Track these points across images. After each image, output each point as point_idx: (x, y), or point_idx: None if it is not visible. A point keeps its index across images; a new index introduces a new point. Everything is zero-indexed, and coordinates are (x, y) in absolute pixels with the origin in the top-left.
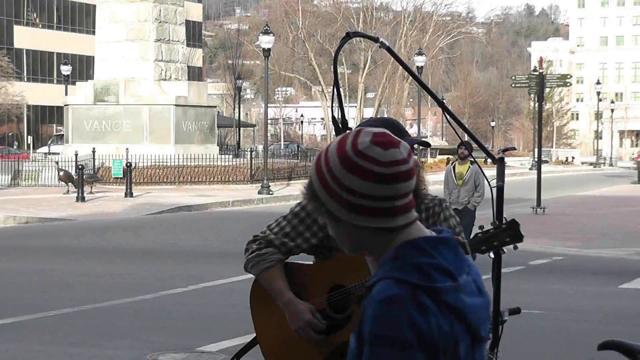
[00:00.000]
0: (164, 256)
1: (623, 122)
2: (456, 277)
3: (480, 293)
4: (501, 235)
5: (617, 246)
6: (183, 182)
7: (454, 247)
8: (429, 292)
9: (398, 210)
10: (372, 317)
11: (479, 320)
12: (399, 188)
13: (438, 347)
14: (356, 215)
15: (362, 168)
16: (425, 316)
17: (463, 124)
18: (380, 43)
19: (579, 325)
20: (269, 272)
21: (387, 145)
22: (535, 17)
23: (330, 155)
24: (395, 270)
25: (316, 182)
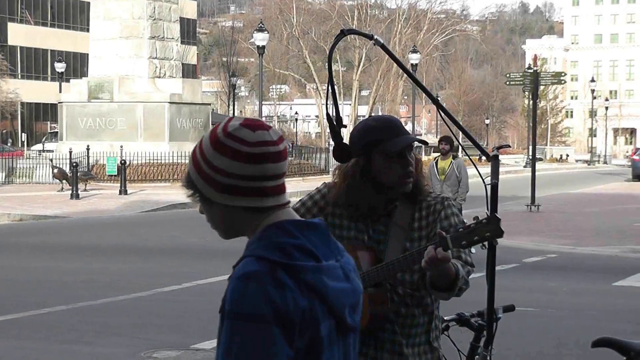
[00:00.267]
0: (159, 254)
1: (617, 119)
2: (320, 259)
3: (347, 279)
4: (482, 230)
5: (611, 244)
6: (177, 179)
7: (323, 233)
8: (287, 269)
9: (268, 190)
10: (230, 293)
11: (343, 303)
12: (267, 168)
13: (294, 322)
14: (227, 195)
15: (231, 148)
16: (281, 291)
17: (457, 122)
18: (375, 40)
19: (572, 322)
20: None
21: (256, 127)
22: (530, 15)
23: (204, 141)
24: (258, 248)
25: (191, 169)
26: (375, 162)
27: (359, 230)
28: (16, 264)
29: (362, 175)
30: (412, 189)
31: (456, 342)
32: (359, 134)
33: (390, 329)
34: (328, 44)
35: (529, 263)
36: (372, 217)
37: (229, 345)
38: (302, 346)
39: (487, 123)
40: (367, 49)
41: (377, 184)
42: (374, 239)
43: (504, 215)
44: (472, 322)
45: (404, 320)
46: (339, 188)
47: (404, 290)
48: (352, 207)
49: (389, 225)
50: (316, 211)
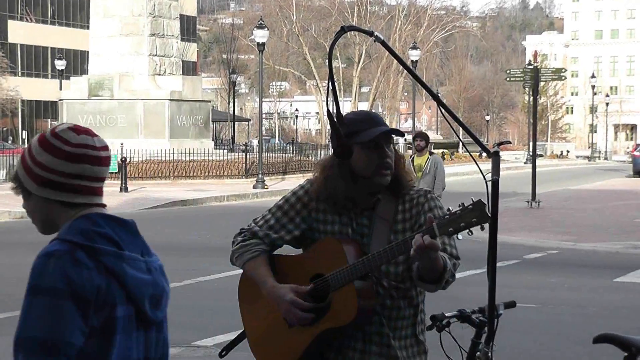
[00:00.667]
0: (159, 251)
1: (618, 115)
2: (122, 248)
3: (150, 272)
4: (467, 217)
5: (612, 240)
6: (178, 176)
7: (132, 230)
8: (87, 249)
9: (83, 189)
10: (32, 270)
11: (142, 293)
12: (84, 169)
13: (89, 299)
14: (45, 189)
15: (54, 146)
16: (78, 269)
17: (458, 118)
18: (375, 37)
19: (574, 318)
20: (253, 261)
21: (81, 132)
22: (530, 11)
23: (33, 141)
24: (65, 234)
25: (19, 165)
26: (353, 154)
27: (343, 224)
28: (17, 262)
29: (340, 167)
30: (394, 183)
31: (457, 338)
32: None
33: (378, 321)
34: (328, 41)
35: (530, 259)
36: (354, 210)
37: (26, 317)
38: (98, 325)
39: (487, 119)
40: (367, 45)
41: (355, 175)
42: (358, 232)
43: (504, 212)
44: (473, 319)
45: (389, 313)
46: (318, 181)
47: (389, 283)
48: (331, 199)
49: (372, 218)
50: (300, 207)
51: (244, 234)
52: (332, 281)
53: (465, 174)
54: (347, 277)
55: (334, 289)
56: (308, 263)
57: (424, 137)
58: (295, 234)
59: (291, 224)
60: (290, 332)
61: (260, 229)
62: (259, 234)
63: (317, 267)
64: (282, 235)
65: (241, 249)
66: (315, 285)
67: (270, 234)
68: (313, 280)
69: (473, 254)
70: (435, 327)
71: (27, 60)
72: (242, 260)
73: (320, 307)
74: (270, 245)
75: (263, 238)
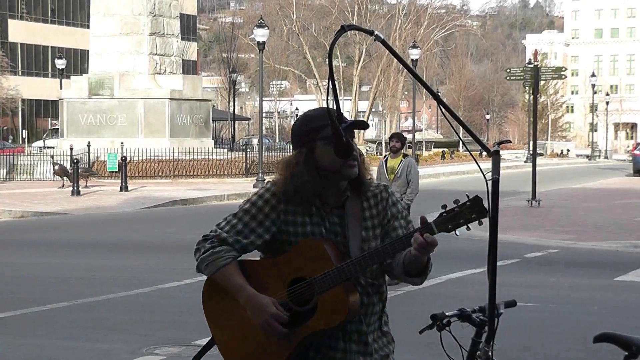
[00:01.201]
0: (160, 250)
1: (618, 114)
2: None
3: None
4: (466, 213)
5: (612, 239)
6: (178, 175)
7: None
8: None
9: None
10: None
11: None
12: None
13: None
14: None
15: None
16: None
17: (458, 117)
18: (375, 36)
19: (574, 317)
20: (226, 269)
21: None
22: (530, 10)
23: None
24: None
25: None
26: (317, 150)
27: (314, 224)
28: (17, 261)
29: (305, 163)
30: (357, 182)
31: (458, 337)
32: (301, 124)
33: (357, 319)
34: (328, 40)
35: (530, 258)
36: (323, 208)
37: None
38: None
39: (487, 118)
40: (367, 44)
41: (322, 172)
42: (331, 231)
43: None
44: (473, 318)
45: (365, 309)
46: (284, 179)
47: (366, 280)
48: (298, 195)
49: (343, 216)
50: (268, 210)
51: (211, 240)
52: (317, 284)
53: (465, 172)
54: (335, 280)
55: (319, 292)
56: (285, 268)
57: (400, 138)
58: (266, 238)
59: (260, 228)
60: (270, 339)
61: (229, 234)
62: (229, 240)
63: (297, 270)
64: (252, 240)
65: (211, 256)
66: (295, 289)
67: (241, 240)
68: (292, 284)
69: (473, 253)
70: (435, 327)
71: (28, 59)
72: (214, 267)
73: (304, 311)
74: (241, 251)
75: (233, 244)
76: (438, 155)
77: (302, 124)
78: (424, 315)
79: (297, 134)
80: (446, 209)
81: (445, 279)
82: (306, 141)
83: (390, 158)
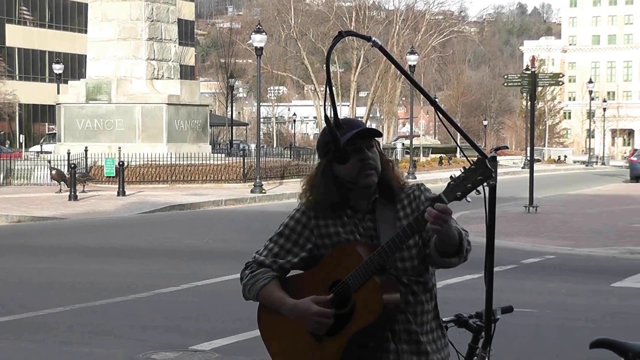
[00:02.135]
0: (157, 255)
1: (615, 120)
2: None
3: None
4: (472, 176)
5: (609, 245)
6: (175, 181)
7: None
8: None
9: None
10: None
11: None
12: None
13: None
14: None
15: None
16: None
17: (455, 123)
18: (373, 42)
19: (571, 323)
20: (266, 288)
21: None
22: (528, 16)
23: None
24: None
25: None
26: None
27: (348, 233)
28: (14, 266)
29: (323, 174)
30: (387, 189)
31: (454, 343)
32: (322, 136)
33: (404, 319)
34: (326, 45)
35: (527, 264)
36: (356, 216)
37: None
38: None
39: (485, 124)
40: (365, 50)
41: (339, 181)
42: (366, 236)
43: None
44: (470, 323)
45: (414, 309)
46: (307, 192)
47: (409, 279)
48: (319, 205)
49: (375, 221)
50: (300, 228)
51: (251, 266)
52: (351, 283)
53: None
54: (365, 273)
55: (354, 291)
56: (323, 273)
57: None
58: (303, 256)
59: (296, 247)
60: (320, 347)
61: (266, 257)
62: (266, 262)
63: (333, 274)
64: (289, 260)
65: (251, 279)
66: (335, 292)
67: (278, 260)
68: (331, 288)
69: (470, 259)
70: None
71: (25, 64)
72: (255, 289)
73: (345, 314)
74: (279, 270)
75: (271, 265)
76: (435, 161)
77: (323, 135)
78: None
79: (319, 145)
80: (453, 178)
81: (442, 285)
82: (325, 152)
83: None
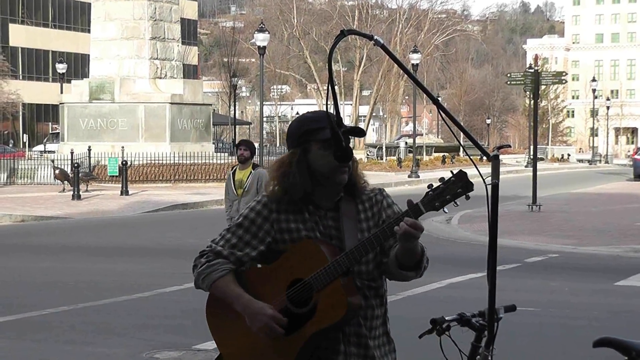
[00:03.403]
0: (160, 254)
1: (618, 119)
2: None
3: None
4: (452, 188)
5: (613, 243)
6: (179, 180)
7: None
8: None
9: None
10: None
11: None
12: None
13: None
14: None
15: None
16: None
17: (458, 122)
18: (375, 41)
19: (574, 322)
20: (222, 280)
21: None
22: (531, 15)
23: None
24: None
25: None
26: (311, 152)
27: (308, 229)
28: (18, 265)
29: (297, 163)
30: (351, 186)
31: (458, 342)
32: (297, 125)
33: (355, 322)
34: (329, 44)
35: (531, 263)
36: (317, 213)
37: None
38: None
39: (488, 123)
40: (368, 49)
41: (312, 173)
42: (326, 235)
43: (505, 215)
44: (473, 322)
45: (365, 313)
46: (275, 179)
47: (362, 282)
48: (288, 195)
49: (339, 219)
50: (260, 221)
51: (207, 255)
52: (314, 282)
53: None
54: (332, 274)
55: (317, 290)
56: (284, 270)
57: (249, 146)
58: (261, 249)
59: (255, 240)
60: (275, 345)
61: (223, 248)
62: (224, 253)
63: (294, 272)
64: (247, 252)
65: (207, 269)
66: (293, 291)
67: (235, 252)
68: (291, 286)
69: (473, 258)
70: (435, 331)
71: (28, 63)
72: (210, 280)
73: (301, 313)
74: (237, 263)
75: (228, 257)
76: (438, 160)
77: (298, 125)
78: (424, 320)
79: (292, 134)
80: (432, 187)
81: (445, 283)
82: (300, 142)
83: (238, 170)
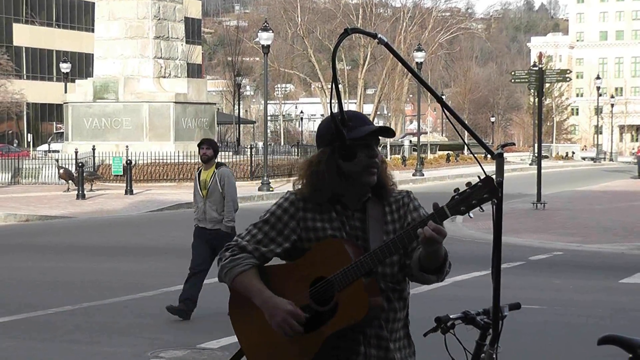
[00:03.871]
0: (165, 253)
1: (623, 116)
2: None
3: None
4: (478, 193)
5: (617, 241)
6: (183, 179)
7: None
8: None
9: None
10: None
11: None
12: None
13: None
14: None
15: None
16: None
17: (462, 120)
18: (379, 39)
19: (578, 320)
20: (244, 274)
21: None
22: (535, 13)
23: None
24: None
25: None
26: (356, 156)
27: (335, 229)
28: (22, 265)
29: (327, 162)
30: (378, 188)
31: (462, 340)
32: (326, 125)
33: (377, 324)
34: (333, 43)
35: (535, 261)
36: (345, 213)
37: None
38: None
39: (492, 121)
40: (372, 47)
41: (342, 173)
42: (352, 235)
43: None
44: (478, 320)
45: (387, 315)
46: (304, 178)
47: (386, 285)
48: (316, 194)
49: (364, 220)
50: (287, 218)
51: (232, 249)
52: (336, 281)
53: (470, 175)
54: (355, 274)
55: (338, 290)
56: (307, 268)
57: (212, 145)
58: (286, 246)
59: (280, 237)
60: (295, 342)
61: (249, 243)
62: (248, 248)
63: (318, 270)
64: (272, 249)
65: (230, 263)
66: (315, 289)
67: (260, 247)
68: (314, 284)
69: (478, 256)
70: (440, 329)
71: (32, 63)
72: (233, 274)
73: (323, 312)
74: (261, 258)
75: (253, 252)
76: (443, 158)
77: (328, 124)
78: (429, 318)
79: (322, 133)
80: (458, 192)
81: (449, 282)
82: (330, 141)
83: (203, 170)
